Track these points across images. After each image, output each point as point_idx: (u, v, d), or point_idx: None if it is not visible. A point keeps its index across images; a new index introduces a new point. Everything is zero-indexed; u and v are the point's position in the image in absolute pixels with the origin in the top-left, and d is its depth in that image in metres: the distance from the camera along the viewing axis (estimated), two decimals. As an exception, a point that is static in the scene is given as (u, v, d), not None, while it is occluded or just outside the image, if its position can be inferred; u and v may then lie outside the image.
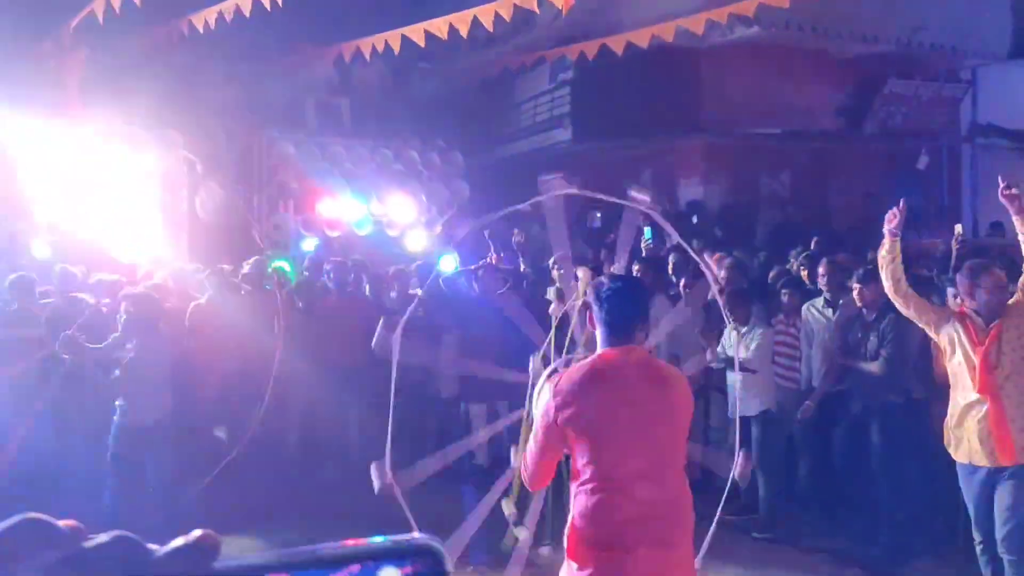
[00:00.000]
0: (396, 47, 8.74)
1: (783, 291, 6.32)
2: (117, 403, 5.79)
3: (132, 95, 9.74)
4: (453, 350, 7.14)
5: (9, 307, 6.25)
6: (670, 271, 7.52)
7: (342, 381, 7.09)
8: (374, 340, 7.03)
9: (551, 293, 6.56)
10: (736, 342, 5.48)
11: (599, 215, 11.57)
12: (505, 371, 4.15)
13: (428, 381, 7.45)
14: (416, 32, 8.41)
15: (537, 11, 7.56)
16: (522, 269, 8.64)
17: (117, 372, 5.78)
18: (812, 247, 8.17)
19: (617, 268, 5.89)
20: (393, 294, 8.00)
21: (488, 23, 7.67)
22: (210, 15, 8.34)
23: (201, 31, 8.64)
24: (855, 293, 5.69)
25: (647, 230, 10.82)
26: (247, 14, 7.84)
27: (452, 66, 12.54)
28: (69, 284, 6.80)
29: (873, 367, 5.57)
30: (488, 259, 8.56)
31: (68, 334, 5.57)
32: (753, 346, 6.03)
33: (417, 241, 12.15)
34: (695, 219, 11.91)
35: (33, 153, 8.94)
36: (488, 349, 6.26)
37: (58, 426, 6.29)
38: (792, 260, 7.88)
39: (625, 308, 2.86)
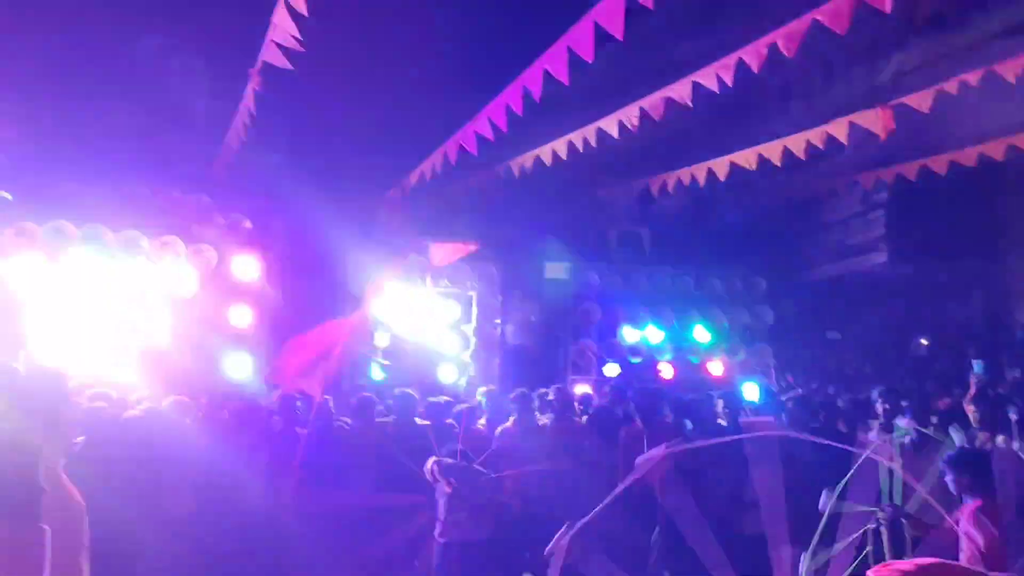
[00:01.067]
0: (702, 180, 8.88)
1: None
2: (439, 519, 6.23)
3: (455, 233, 10.82)
4: (767, 483, 6.77)
5: (350, 427, 7.02)
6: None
7: (639, 508, 6.99)
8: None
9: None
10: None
11: (925, 342, 10.62)
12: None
13: (734, 515, 7.10)
14: (722, 165, 8.50)
15: (846, 143, 7.31)
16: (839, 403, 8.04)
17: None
18: None
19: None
20: (689, 424, 7.84)
21: (799, 152, 7.54)
22: (527, 160, 9.07)
23: (517, 175, 9.42)
24: None
25: (976, 364, 9.69)
26: (564, 157, 8.41)
27: (755, 192, 12.44)
28: (407, 406, 7.43)
29: None
30: (797, 389, 8.14)
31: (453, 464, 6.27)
32: None
33: (718, 367, 11.95)
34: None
35: (374, 285, 10.17)
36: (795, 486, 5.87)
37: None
38: None
39: None
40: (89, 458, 5.28)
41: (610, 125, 7.72)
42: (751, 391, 9.22)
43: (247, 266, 9.52)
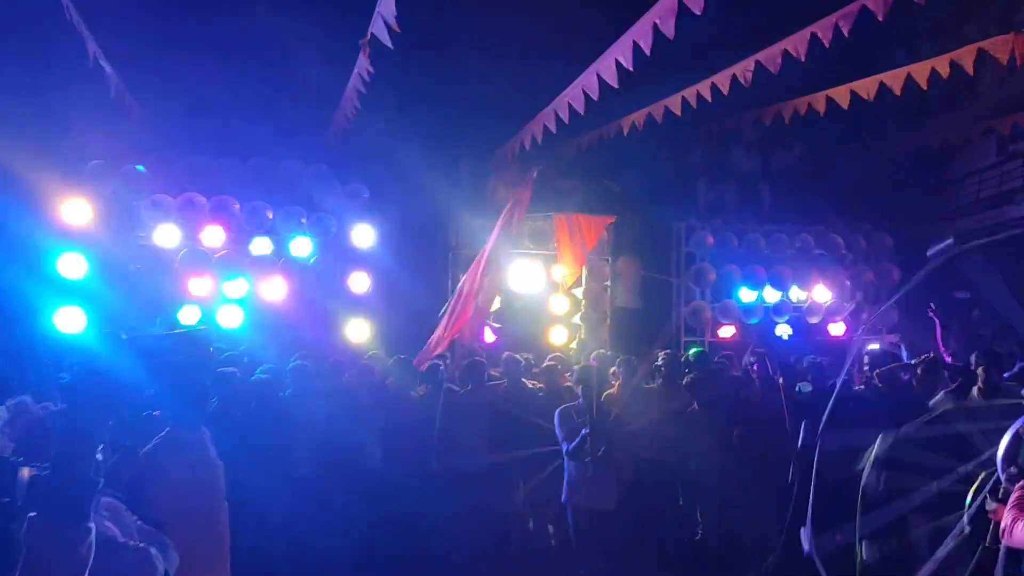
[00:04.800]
0: (821, 110, 8.36)
1: None
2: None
3: (563, 193, 10.75)
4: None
5: (464, 389, 7.19)
6: None
7: (759, 475, 6.88)
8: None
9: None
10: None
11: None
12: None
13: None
14: (842, 94, 7.99)
15: (972, 73, 6.78)
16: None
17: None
18: None
19: None
20: (808, 387, 7.61)
21: (923, 81, 7.05)
22: (638, 118, 8.90)
23: (627, 134, 9.25)
24: None
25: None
26: (678, 112, 8.17)
27: (881, 143, 11.78)
28: (514, 370, 7.57)
29: None
30: (929, 354, 7.73)
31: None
32: None
33: (840, 328, 11.51)
34: None
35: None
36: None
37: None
38: None
39: None
40: (223, 420, 5.63)
41: (723, 81, 7.48)
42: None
43: (365, 234, 9.78)
